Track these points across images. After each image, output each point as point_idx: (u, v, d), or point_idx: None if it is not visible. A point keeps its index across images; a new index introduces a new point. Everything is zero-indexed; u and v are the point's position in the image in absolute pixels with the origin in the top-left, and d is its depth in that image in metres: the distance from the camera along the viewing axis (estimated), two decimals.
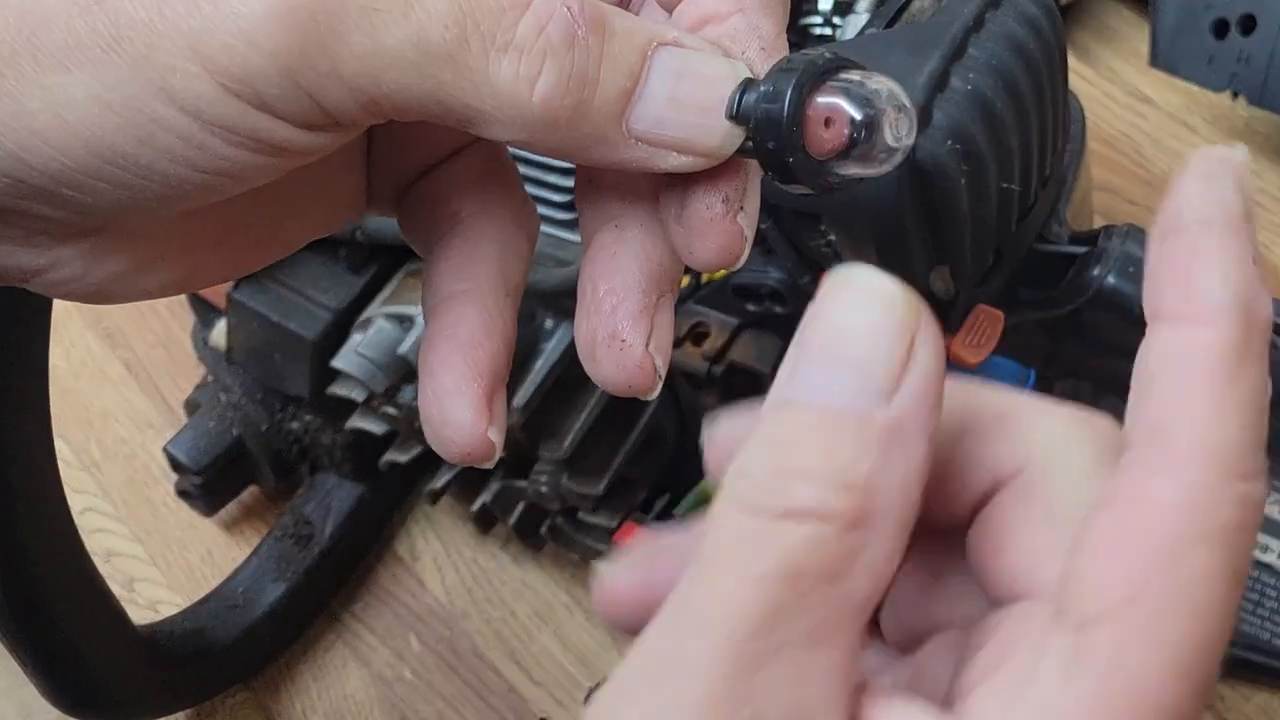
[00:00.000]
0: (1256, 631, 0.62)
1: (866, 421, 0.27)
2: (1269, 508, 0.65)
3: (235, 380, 0.68)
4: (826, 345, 0.28)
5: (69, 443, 0.77)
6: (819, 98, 0.29)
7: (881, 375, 0.27)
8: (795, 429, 0.27)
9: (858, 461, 0.26)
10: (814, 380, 0.27)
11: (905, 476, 0.27)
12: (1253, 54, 0.75)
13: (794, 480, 0.27)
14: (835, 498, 0.26)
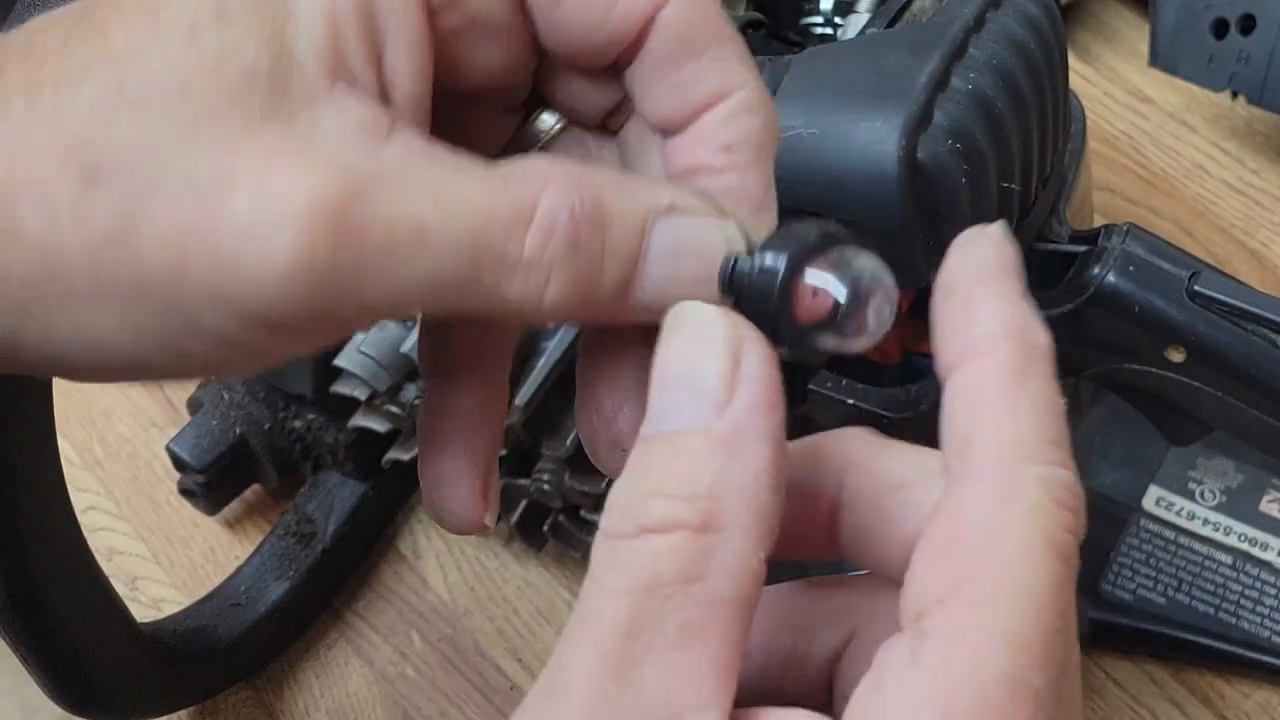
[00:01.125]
0: (1256, 629, 0.62)
1: (703, 436, 0.29)
2: (1268, 506, 0.65)
3: (238, 379, 0.68)
4: (664, 376, 0.30)
5: (72, 441, 0.77)
6: (808, 276, 0.31)
7: (711, 391, 0.29)
8: (648, 456, 0.30)
9: (699, 473, 0.29)
10: (659, 410, 0.30)
11: (749, 478, 0.29)
12: (1252, 54, 0.76)
13: (646, 500, 0.29)
14: (679, 508, 0.29)
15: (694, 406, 0.29)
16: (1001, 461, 0.29)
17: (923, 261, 0.50)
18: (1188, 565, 0.64)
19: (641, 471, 0.30)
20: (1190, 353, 0.58)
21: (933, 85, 0.49)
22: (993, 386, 0.30)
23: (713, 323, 0.30)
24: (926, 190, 0.49)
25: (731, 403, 0.29)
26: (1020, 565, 0.28)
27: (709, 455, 0.29)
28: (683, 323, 0.30)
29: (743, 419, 0.29)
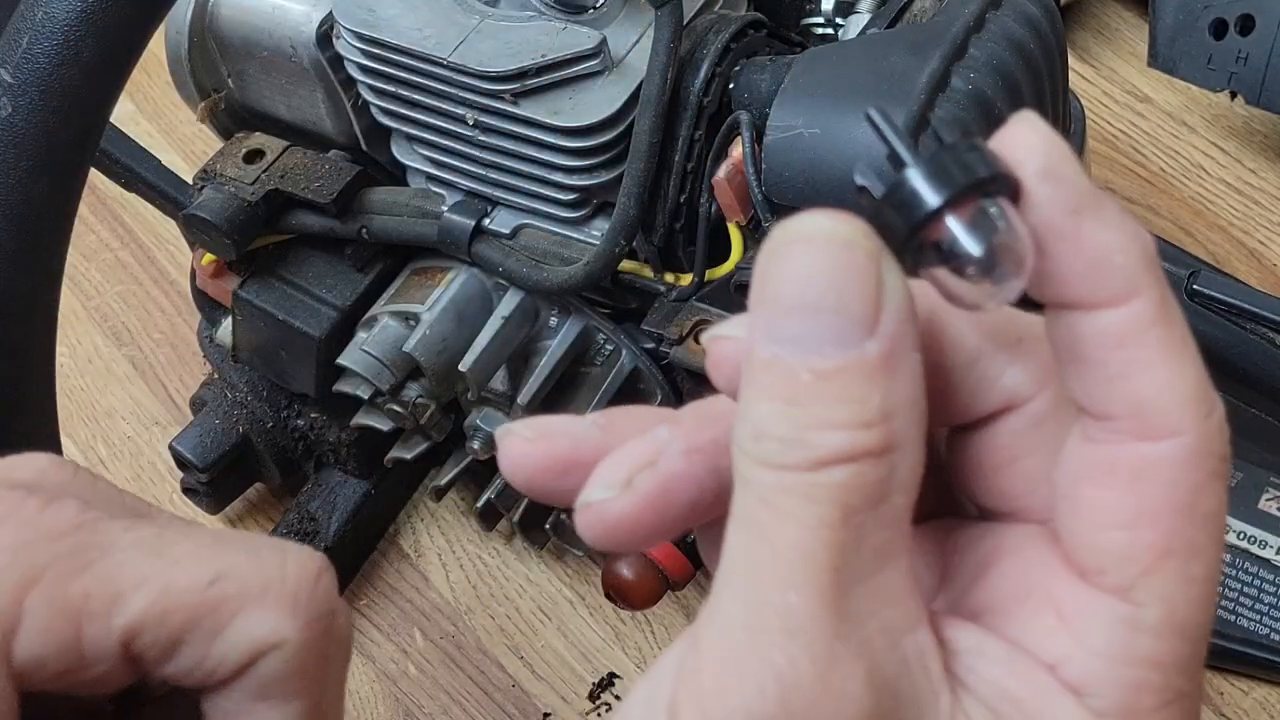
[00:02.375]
0: (1255, 626, 0.63)
1: (863, 359, 0.28)
2: (1266, 504, 0.65)
3: (241, 378, 0.68)
4: (801, 295, 0.28)
5: (75, 440, 0.77)
6: (949, 222, 0.29)
7: (862, 312, 0.28)
8: (798, 384, 0.28)
9: (868, 399, 0.28)
10: (797, 332, 0.28)
11: (910, 392, 0.29)
12: (1251, 54, 0.76)
13: (817, 432, 0.28)
14: (860, 437, 0.28)
15: (841, 328, 0.28)
16: (1194, 424, 0.28)
17: None
18: None
19: (795, 400, 0.28)
20: None
21: (933, 85, 0.50)
22: (1154, 334, 0.29)
23: (848, 234, 0.28)
24: None
25: (882, 320, 0.28)
26: (1216, 520, 0.28)
27: (871, 378, 0.28)
28: (809, 238, 0.28)
29: (897, 334, 0.28)
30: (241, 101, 0.65)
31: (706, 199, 0.56)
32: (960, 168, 0.28)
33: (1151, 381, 0.29)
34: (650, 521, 0.32)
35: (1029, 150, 0.29)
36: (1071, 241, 0.29)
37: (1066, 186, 0.30)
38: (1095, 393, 0.29)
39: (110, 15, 0.48)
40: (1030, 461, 0.31)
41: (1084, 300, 0.29)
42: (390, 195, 0.62)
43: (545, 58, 0.55)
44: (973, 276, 0.29)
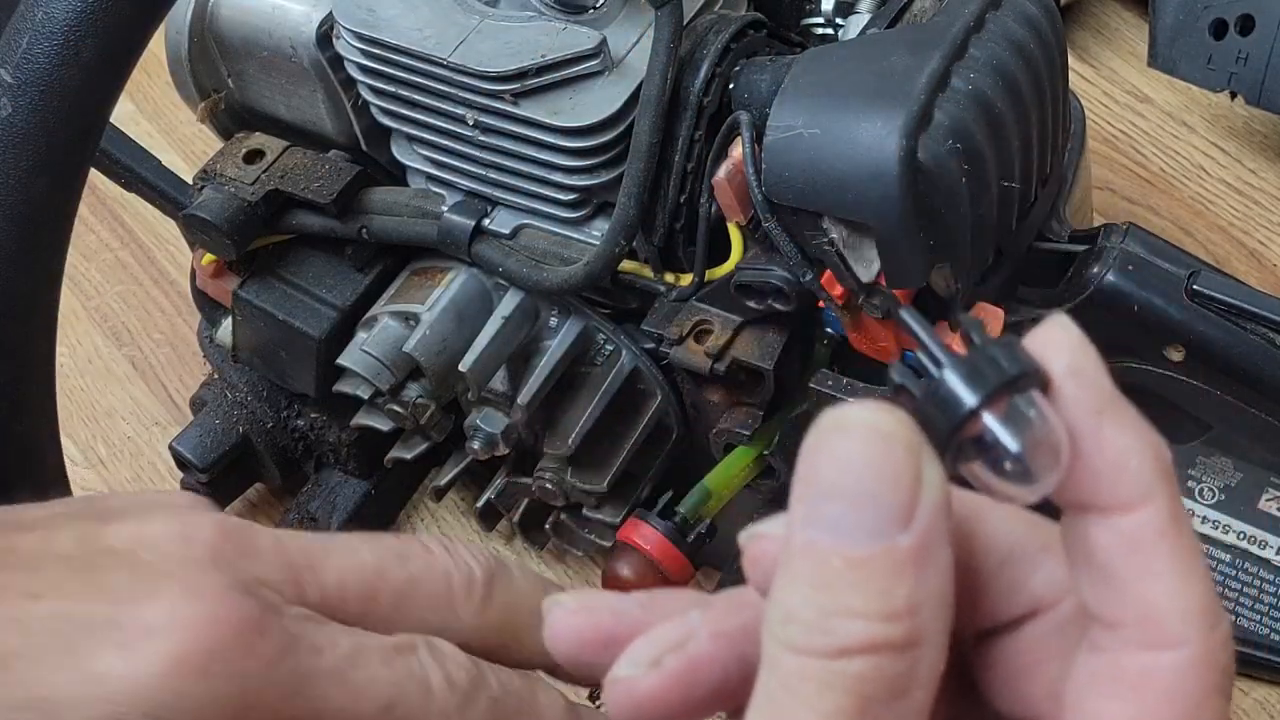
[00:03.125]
0: (1255, 627, 0.63)
1: (894, 551, 0.28)
2: (1266, 504, 0.65)
3: (241, 378, 0.68)
4: (841, 483, 0.29)
5: (75, 440, 0.77)
6: (987, 419, 0.30)
7: (898, 504, 0.29)
8: (829, 570, 0.29)
9: (895, 591, 0.28)
10: (834, 519, 0.29)
11: (939, 589, 0.29)
12: (1251, 54, 0.76)
13: (841, 620, 0.29)
14: (883, 629, 0.28)
15: (879, 519, 0.29)
16: (1199, 635, 0.29)
17: (923, 260, 0.51)
18: None
19: (824, 586, 0.29)
20: (1189, 351, 0.58)
21: (933, 85, 0.50)
22: (1165, 543, 0.29)
23: (891, 427, 0.29)
24: (926, 190, 0.49)
25: (917, 515, 0.29)
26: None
27: (900, 570, 0.29)
28: (853, 428, 0.29)
29: (930, 530, 0.29)
30: (241, 101, 0.65)
31: (706, 199, 0.56)
32: (993, 366, 0.29)
33: (1160, 590, 0.29)
34: (676, 701, 0.33)
35: (1058, 348, 0.30)
36: (1092, 442, 0.30)
37: (1091, 386, 0.30)
38: (1104, 598, 0.30)
39: (110, 15, 0.48)
40: (1052, 667, 0.31)
41: (1099, 503, 0.29)
42: (390, 195, 0.62)
43: (545, 58, 0.55)
44: (1011, 471, 0.29)
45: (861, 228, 0.50)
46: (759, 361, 0.56)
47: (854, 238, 0.51)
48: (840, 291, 0.52)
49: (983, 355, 0.29)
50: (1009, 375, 0.29)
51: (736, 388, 0.58)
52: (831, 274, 0.52)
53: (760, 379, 0.57)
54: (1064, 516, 0.31)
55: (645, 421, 0.61)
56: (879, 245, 0.50)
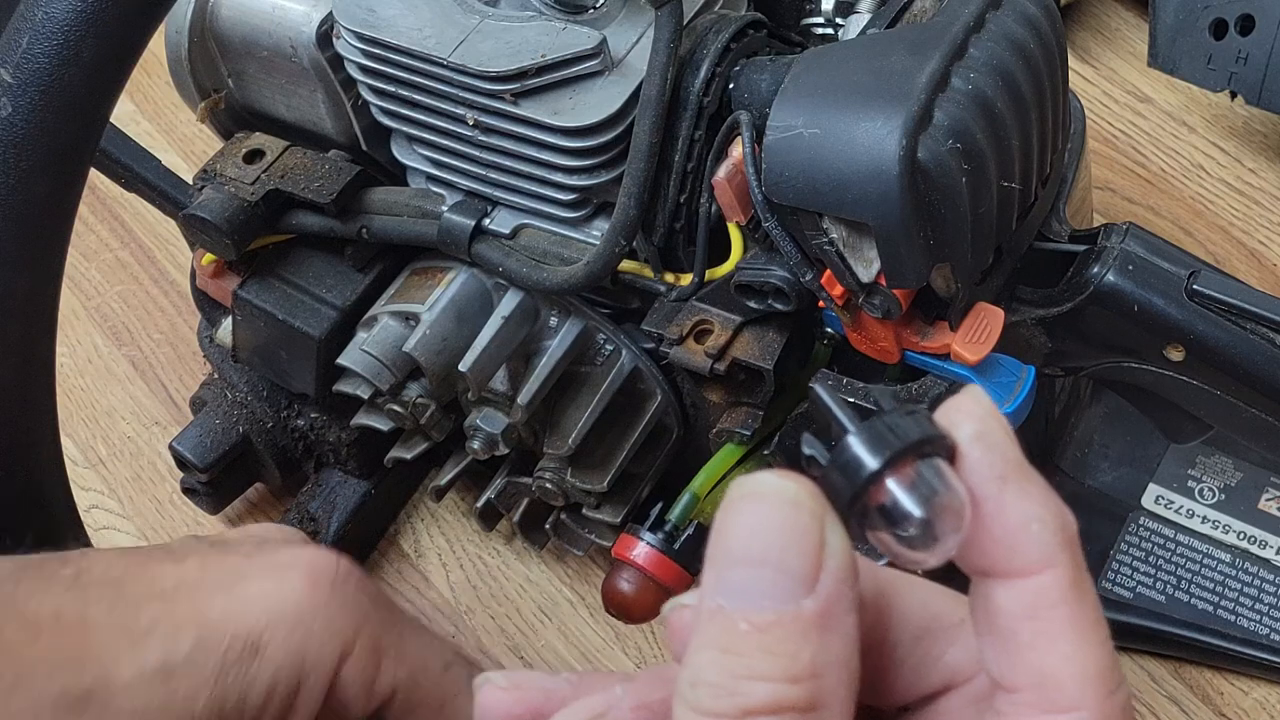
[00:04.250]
0: (1254, 626, 0.63)
1: (798, 616, 0.29)
2: (1266, 504, 0.65)
3: (241, 378, 0.68)
4: (747, 550, 0.30)
5: (75, 440, 0.77)
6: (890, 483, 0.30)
7: (802, 570, 0.30)
8: (735, 635, 0.30)
9: (799, 654, 0.29)
10: (741, 584, 0.30)
11: (843, 652, 0.30)
12: (1251, 54, 0.76)
13: (746, 682, 0.29)
14: (787, 691, 0.29)
15: (781, 584, 0.30)
16: (1095, 701, 0.30)
17: (923, 260, 0.51)
18: (1187, 563, 0.64)
19: (730, 650, 0.30)
20: (1189, 351, 0.58)
21: (933, 85, 0.50)
22: (1064, 609, 0.30)
23: (796, 494, 0.30)
24: (926, 190, 0.49)
25: (821, 580, 0.30)
26: None
27: (805, 634, 0.29)
28: (759, 496, 0.30)
29: (834, 595, 0.30)
30: (241, 101, 0.65)
31: (706, 199, 0.56)
32: (897, 432, 0.30)
33: (1057, 654, 0.30)
34: None
35: (966, 415, 0.31)
36: (994, 506, 0.30)
37: (997, 454, 0.31)
38: (1004, 663, 0.31)
39: (110, 15, 0.48)
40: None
41: (1000, 568, 0.30)
42: (390, 195, 0.62)
43: (545, 58, 0.55)
44: (913, 536, 0.30)
45: (861, 228, 0.50)
46: (759, 361, 0.56)
47: (854, 238, 0.51)
48: (840, 291, 0.52)
49: (888, 423, 0.30)
50: (911, 440, 0.30)
51: (736, 387, 0.58)
52: (831, 274, 0.52)
53: (760, 379, 0.57)
54: (971, 584, 0.31)
55: (645, 421, 0.61)
56: (879, 245, 0.50)
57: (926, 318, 0.55)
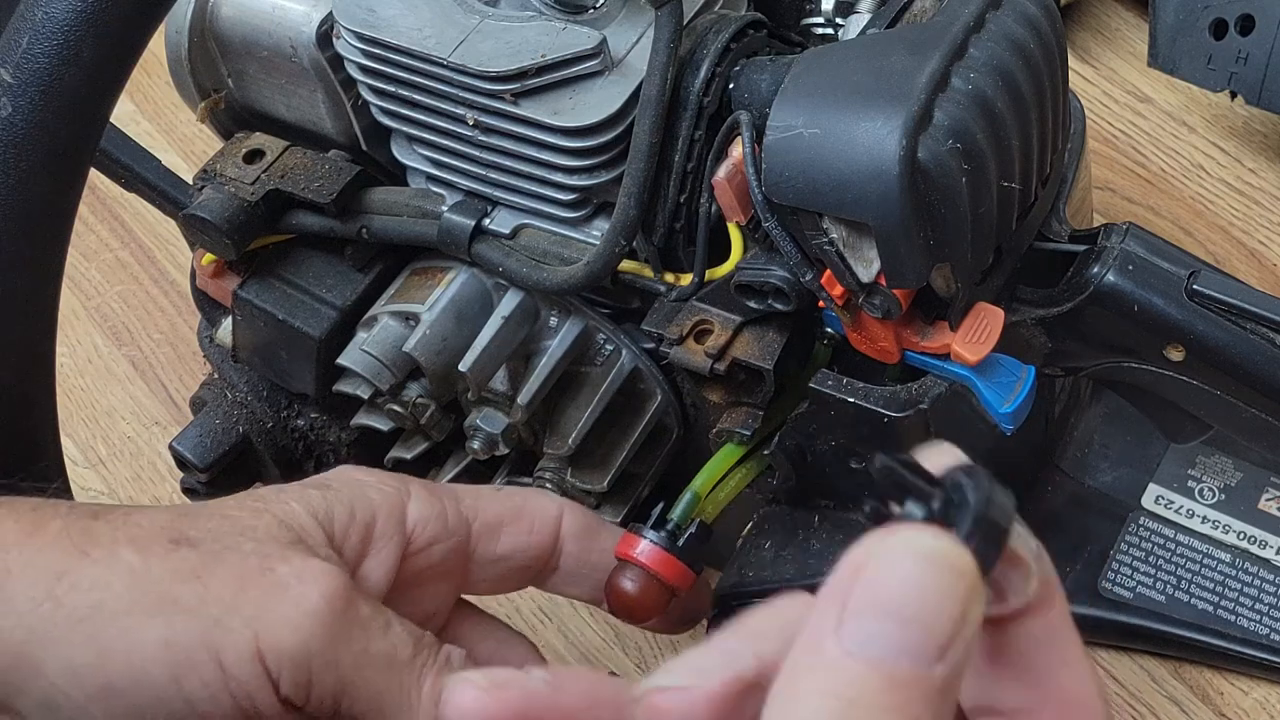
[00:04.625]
0: (1254, 627, 0.63)
1: (928, 680, 0.30)
2: (1266, 504, 0.65)
3: (241, 378, 0.68)
4: (901, 605, 0.30)
5: (75, 440, 0.77)
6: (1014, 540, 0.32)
7: (944, 636, 0.30)
8: (864, 685, 0.29)
9: (921, 714, 0.30)
10: (882, 637, 0.30)
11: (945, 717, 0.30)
12: (1251, 54, 0.76)
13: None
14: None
15: (922, 646, 0.30)
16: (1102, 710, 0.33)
17: (923, 260, 0.51)
18: (1187, 563, 0.64)
19: (856, 702, 0.29)
20: (1189, 351, 0.58)
21: (933, 85, 0.50)
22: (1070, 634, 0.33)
23: (960, 562, 0.30)
24: (926, 190, 0.49)
25: (953, 648, 0.30)
26: None
27: (929, 699, 0.30)
28: (928, 557, 0.30)
29: (959, 665, 0.30)
30: (241, 101, 0.65)
31: (706, 199, 0.56)
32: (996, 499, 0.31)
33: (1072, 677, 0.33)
34: None
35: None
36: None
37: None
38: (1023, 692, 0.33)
39: (110, 15, 0.48)
40: None
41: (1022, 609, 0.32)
42: (390, 195, 0.62)
43: (545, 58, 0.55)
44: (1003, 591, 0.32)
45: (861, 228, 0.50)
46: (759, 361, 0.56)
47: (854, 238, 0.51)
48: (840, 291, 0.52)
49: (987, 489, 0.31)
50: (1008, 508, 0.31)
51: (736, 387, 0.58)
52: (831, 274, 0.52)
53: (760, 379, 0.57)
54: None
55: (645, 421, 0.61)
56: (879, 245, 0.50)
57: (926, 318, 0.55)
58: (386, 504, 0.48)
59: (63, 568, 0.42)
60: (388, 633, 0.44)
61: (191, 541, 0.43)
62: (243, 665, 0.42)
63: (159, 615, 0.42)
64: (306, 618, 0.42)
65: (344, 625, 0.43)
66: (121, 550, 0.43)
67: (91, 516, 0.44)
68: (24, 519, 0.43)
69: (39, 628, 0.41)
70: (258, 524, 0.45)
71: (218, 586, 0.42)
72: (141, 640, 0.41)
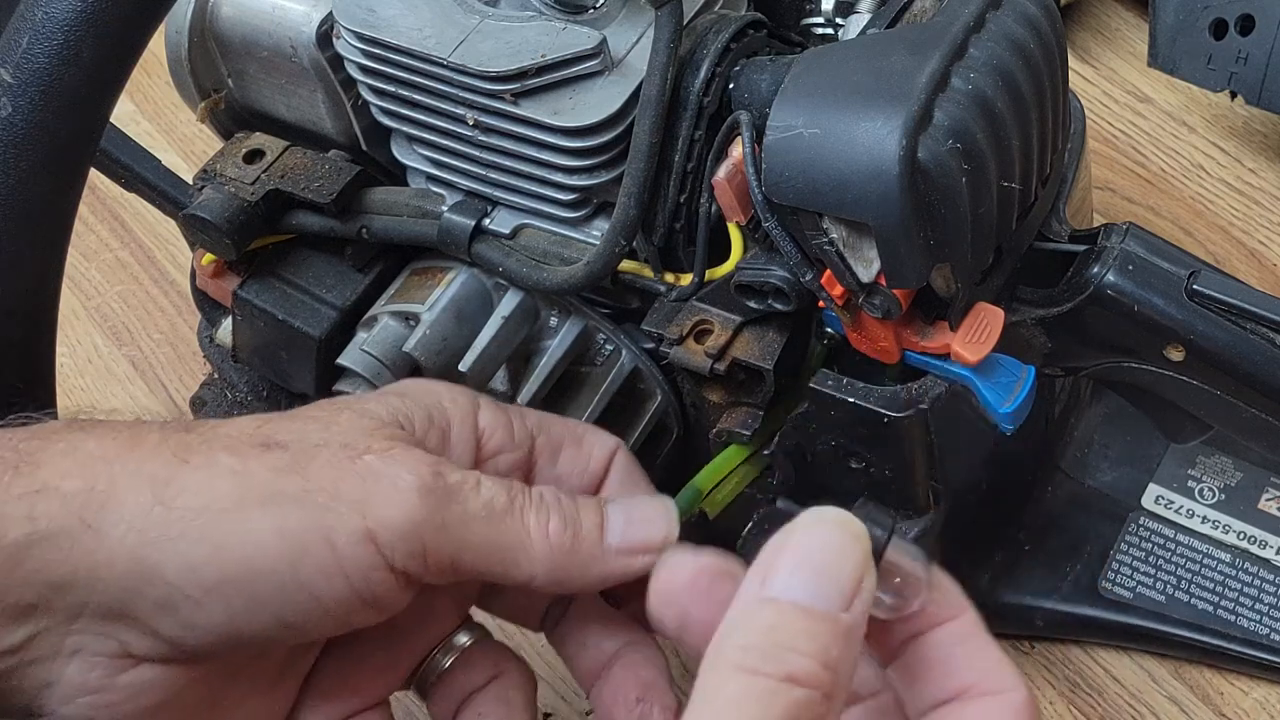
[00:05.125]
0: (1255, 627, 0.63)
1: (836, 620, 0.38)
2: (1267, 504, 0.65)
3: (241, 378, 0.68)
4: (814, 561, 0.39)
5: None
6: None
7: (849, 588, 0.38)
8: (787, 617, 0.38)
9: (830, 649, 0.37)
10: (800, 584, 0.38)
11: (851, 665, 0.38)
12: (1251, 54, 0.76)
13: (791, 654, 0.37)
14: (820, 672, 0.37)
15: (830, 592, 0.38)
16: (1019, 683, 0.41)
17: (923, 260, 0.51)
18: (1187, 563, 0.64)
19: (780, 628, 0.37)
20: (1189, 351, 0.58)
21: (933, 85, 0.50)
22: (983, 633, 0.42)
23: (860, 533, 0.39)
24: (926, 190, 0.49)
25: (855, 602, 0.38)
26: None
27: (835, 636, 0.37)
28: (837, 525, 0.39)
29: (860, 619, 0.38)
30: (241, 101, 0.65)
31: (706, 199, 0.56)
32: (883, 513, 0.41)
33: (988, 660, 0.41)
34: None
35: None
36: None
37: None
38: (943, 683, 0.41)
39: (110, 15, 0.48)
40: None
41: (936, 619, 0.41)
42: (390, 195, 0.62)
43: (545, 58, 0.55)
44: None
45: (861, 228, 0.50)
46: (759, 361, 0.56)
47: (854, 238, 0.51)
48: (840, 291, 0.52)
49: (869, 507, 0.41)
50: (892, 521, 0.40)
51: (736, 387, 0.58)
52: (831, 274, 0.52)
53: (760, 379, 0.57)
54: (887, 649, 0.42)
55: (645, 421, 0.61)
56: (879, 245, 0.50)
57: (926, 318, 0.55)
58: (459, 411, 0.50)
59: (167, 475, 0.44)
60: (480, 489, 0.46)
61: (282, 444, 0.45)
62: (355, 546, 0.44)
63: (268, 506, 0.44)
64: (405, 494, 0.45)
65: (440, 493, 0.45)
66: (219, 455, 0.45)
67: (184, 430, 0.46)
68: (121, 434, 0.45)
69: (151, 531, 0.43)
70: (340, 419, 0.47)
71: (317, 477, 0.44)
72: (255, 530, 0.43)
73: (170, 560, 0.43)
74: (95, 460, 0.44)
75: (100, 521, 0.43)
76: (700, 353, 0.56)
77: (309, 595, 0.44)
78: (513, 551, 0.46)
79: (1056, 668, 0.65)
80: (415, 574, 0.45)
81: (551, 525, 0.47)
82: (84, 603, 0.43)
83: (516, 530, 0.46)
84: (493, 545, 0.46)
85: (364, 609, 0.45)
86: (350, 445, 0.46)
